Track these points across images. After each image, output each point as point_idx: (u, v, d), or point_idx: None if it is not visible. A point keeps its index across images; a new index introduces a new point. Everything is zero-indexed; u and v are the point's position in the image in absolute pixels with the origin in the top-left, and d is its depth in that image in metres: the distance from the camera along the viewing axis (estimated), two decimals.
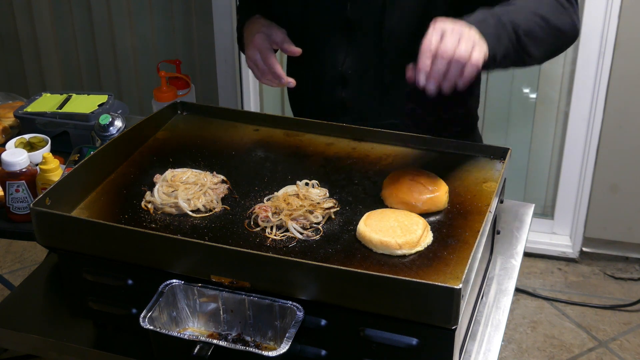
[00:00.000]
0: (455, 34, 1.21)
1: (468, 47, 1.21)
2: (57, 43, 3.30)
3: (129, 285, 1.17)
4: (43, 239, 1.19)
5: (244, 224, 1.22)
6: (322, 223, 1.22)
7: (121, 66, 3.25)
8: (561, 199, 2.94)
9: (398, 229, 1.15)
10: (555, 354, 2.53)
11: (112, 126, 1.75)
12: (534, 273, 2.92)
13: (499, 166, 1.36)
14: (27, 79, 3.39)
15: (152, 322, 1.07)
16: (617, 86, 2.65)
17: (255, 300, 1.09)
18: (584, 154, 2.82)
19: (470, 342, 1.24)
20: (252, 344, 1.11)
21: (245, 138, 1.48)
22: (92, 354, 1.25)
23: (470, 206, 1.25)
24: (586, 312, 2.71)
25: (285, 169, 1.37)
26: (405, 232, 1.15)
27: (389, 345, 1.06)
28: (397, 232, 1.15)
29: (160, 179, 1.31)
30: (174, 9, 3.09)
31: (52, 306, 1.37)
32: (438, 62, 1.20)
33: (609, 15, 2.59)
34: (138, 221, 1.23)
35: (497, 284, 1.40)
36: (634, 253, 2.92)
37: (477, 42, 1.23)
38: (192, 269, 1.11)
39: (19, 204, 1.62)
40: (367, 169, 1.37)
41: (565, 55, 2.76)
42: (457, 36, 1.21)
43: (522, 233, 1.54)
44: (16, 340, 1.31)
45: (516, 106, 2.91)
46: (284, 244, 1.18)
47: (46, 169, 1.60)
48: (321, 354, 1.11)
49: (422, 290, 1.00)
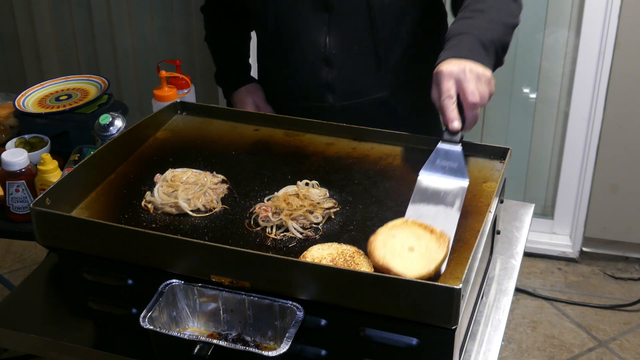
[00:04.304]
0: (471, 79, 1.26)
1: (487, 88, 1.28)
2: (57, 43, 3.30)
3: (129, 285, 1.17)
4: (43, 239, 1.19)
5: (244, 224, 1.22)
6: (322, 223, 1.22)
7: (121, 66, 3.25)
8: (561, 199, 2.94)
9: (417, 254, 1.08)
10: (555, 354, 2.53)
11: (112, 126, 1.75)
12: (534, 273, 2.92)
13: (499, 166, 1.36)
14: (27, 79, 3.39)
15: (152, 322, 1.07)
16: (617, 86, 2.65)
17: (255, 300, 1.09)
18: (584, 154, 2.82)
19: (470, 342, 1.24)
20: (252, 344, 1.11)
21: (245, 138, 1.48)
22: (92, 354, 1.25)
23: (470, 206, 1.25)
24: (586, 312, 2.71)
25: (285, 169, 1.37)
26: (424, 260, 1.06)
27: (389, 345, 1.06)
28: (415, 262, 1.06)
29: (160, 179, 1.31)
30: (174, 9, 3.09)
31: (52, 306, 1.36)
32: (473, 112, 1.26)
33: (609, 15, 2.59)
34: (138, 221, 1.23)
35: (497, 284, 1.40)
36: (634, 253, 2.92)
37: (488, 77, 1.29)
38: (192, 269, 1.11)
39: (19, 204, 1.62)
40: (367, 169, 1.37)
41: (565, 55, 2.76)
42: (474, 82, 1.26)
43: (522, 233, 1.54)
44: (16, 340, 1.31)
45: (516, 106, 2.91)
46: (284, 244, 1.18)
47: (45, 170, 1.60)
48: (321, 354, 1.11)
49: (422, 290, 1.00)
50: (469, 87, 1.25)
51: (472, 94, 1.25)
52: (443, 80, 1.27)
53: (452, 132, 1.28)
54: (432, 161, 1.29)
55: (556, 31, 2.74)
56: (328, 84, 1.60)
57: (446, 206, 1.21)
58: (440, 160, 1.28)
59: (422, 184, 1.26)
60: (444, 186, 1.25)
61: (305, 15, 1.56)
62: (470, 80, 1.26)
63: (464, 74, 1.26)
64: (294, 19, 1.58)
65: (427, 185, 1.26)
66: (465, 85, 1.25)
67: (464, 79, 1.26)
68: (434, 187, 1.25)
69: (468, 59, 1.28)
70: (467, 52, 1.30)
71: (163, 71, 1.85)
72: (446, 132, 1.29)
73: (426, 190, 1.25)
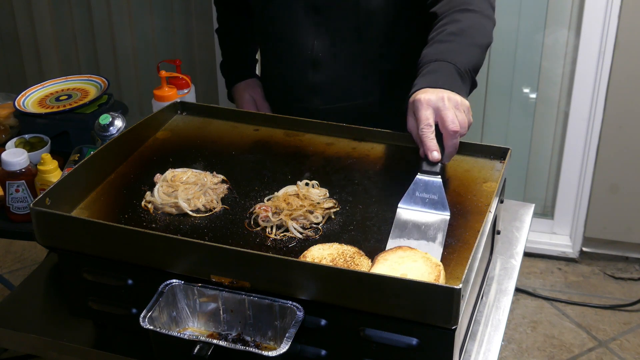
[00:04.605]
0: (450, 108, 1.24)
1: (466, 117, 1.25)
2: (57, 43, 3.30)
3: (129, 285, 1.17)
4: (43, 239, 1.19)
5: (244, 224, 1.22)
6: (322, 223, 1.22)
7: (121, 66, 3.25)
8: (561, 199, 2.94)
9: None
10: (555, 354, 2.52)
11: (112, 126, 1.75)
12: (534, 273, 2.92)
13: (499, 166, 1.36)
14: (27, 79, 3.39)
15: (152, 322, 1.07)
16: (617, 86, 2.65)
17: (255, 300, 1.09)
18: (584, 154, 2.82)
19: (470, 342, 1.24)
20: (252, 343, 1.11)
21: (245, 138, 1.48)
22: (92, 354, 1.25)
23: (470, 206, 1.25)
24: (586, 312, 2.71)
25: (285, 169, 1.37)
26: None
27: (389, 345, 1.06)
28: None
29: (161, 179, 1.31)
30: (174, 9, 3.09)
31: (52, 306, 1.37)
32: (453, 141, 1.24)
33: (609, 15, 2.59)
34: (138, 221, 1.23)
35: (497, 284, 1.40)
36: (634, 253, 2.92)
37: (467, 106, 1.27)
38: (192, 269, 1.11)
39: (19, 204, 1.62)
40: (367, 169, 1.37)
41: (565, 55, 2.76)
42: (453, 110, 1.24)
43: (522, 233, 1.54)
44: (16, 340, 1.31)
45: (516, 106, 2.90)
46: (284, 244, 1.18)
47: (45, 170, 1.60)
48: (321, 354, 1.11)
49: (422, 290, 1.00)
50: (449, 116, 1.22)
51: (452, 122, 1.22)
52: (421, 109, 1.24)
53: (432, 163, 1.24)
54: (411, 193, 1.23)
55: (556, 31, 2.74)
56: (313, 86, 1.61)
57: (428, 241, 1.17)
58: (419, 193, 1.23)
59: (402, 217, 1.21)
60: (425, 219, 1.21)
61: (295, 16, 1.57)
62: (449, 109, 1.23)
63: (442, 102, 1.23)
64: (286, 18, 1.59)
65: (406, 218, 1.21)
66: (444, 114, 1.23)
67: (443, 107, 1.23)
68: (414, 220, 1.20)
69: (445, 88, 1.26)
70: (443, 82, 1.27)
71: (163, 71, 1.85)
72: (425, 162, 1.25)
73: (406, 224, 1.20)
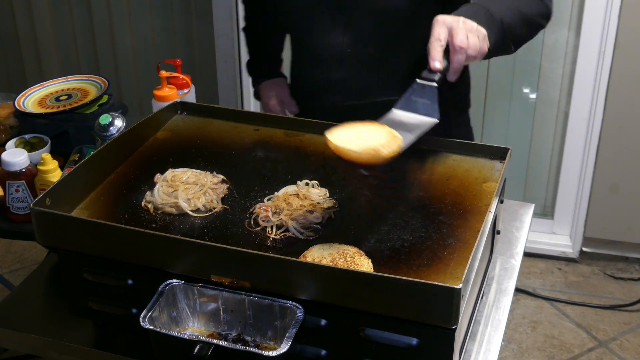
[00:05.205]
0: (463, 28, 1.26)
1: (478, 40, 1.27)
2: (57, 43, 3.30)
3: (129, 285, 1.17)
4: (43, 239, 1.19)
5: (244, 224, 1.22)
6: (322, 223, 1.22)
7: (121, 66, 3.25)
8: (561, 199, 2.94)
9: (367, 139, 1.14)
10: (555, 354, 2.53)
11: (112, 126, 1.75)
12: (534, 273, 2.92)
13: (499, 166, 1.36)
14: (27, 79, 3.39)
15: (152, 322, 1.07)
16: (617, 86, 2.65)
17: (255, 300, 1.09)
18: (584, 154, 2.82)
19: (470, 342, 1.24)
20: (252, 343, 1.11)
21: (245, 138, 1.48)
22: (92, 354, 1.25)
23: (470, 206, 1.25)
24: (586, 312, 2.71)
25: (285, 169, 1.37)
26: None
27: (389, 345, 1.06)
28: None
29: (161, 179, 1.31)
30: (174, 9, 3.09)
31: (52, 306, 1.36)
32: (458, 57, 1.25)
33: (609, 15, 2.59)
34: (138, 221, 1.23)
35: (497, 284, 1.40)
36: (634, 253, 2.92)
37: (483, 33, 1.28)
38: (192, 269, 1.11)
39: (19, 204, 1.62)
40: (367, 169, 1.37)
41: (565, 55, 2.76)
42: (465, 31, 1.26)
43: (522, 233, 1.54)
44: (16, 340, 1.31)
45: (516, 106, 2.91)
46: (284, 244, 1.18)
47: (45, 170, 1.60)
48: (321, 354, 1.11)
49: (422, 290, 1.00)
50: (459, 34, 1.25)
51: (460, 40, 1.25)
52: (436, 26, 1.27)
53: (432, 72, 1.27)
54: (407, 96, 1.28)
55: (556, 31, 2.74)
56: (338, 82, 1.62)
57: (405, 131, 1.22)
58: (414, 97, 1.27)
59: (391, 116, 1.27)
60: (413, 121, 1.26)
61: (319, 15, 1.59)
62: (462, 29, 1.26)
63: (457, 22, 1.26)
64: (310, 17, 1.61)
65: (395, 118, 1.26)
66: (455, 32, 1.25)
67: (456, 27, 1.26)
68: (403, 121, 1.26)
69: (467, 17, 1.28)
70: (466, 13, 1.30)
71: (163, 71, 1.85)
72: (426, 71, 1.28)
73: (393, 122, 1.24)
